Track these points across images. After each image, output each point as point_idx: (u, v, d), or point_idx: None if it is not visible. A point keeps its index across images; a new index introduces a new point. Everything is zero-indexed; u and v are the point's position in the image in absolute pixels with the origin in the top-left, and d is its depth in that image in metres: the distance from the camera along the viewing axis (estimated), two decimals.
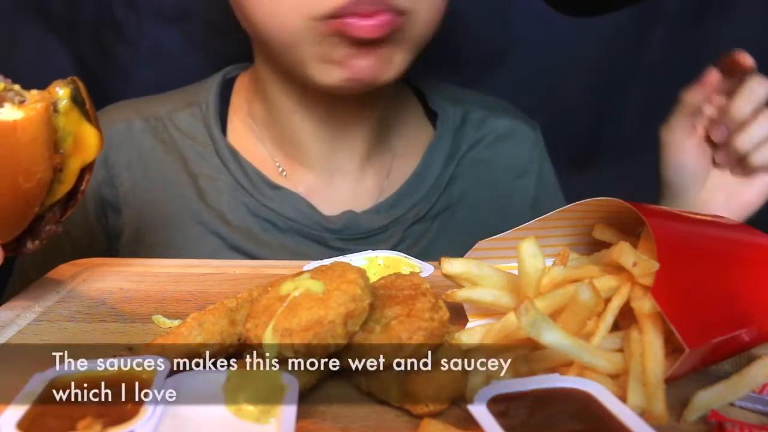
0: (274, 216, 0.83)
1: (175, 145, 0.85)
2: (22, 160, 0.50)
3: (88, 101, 0.54)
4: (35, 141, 0.49)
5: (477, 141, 0.93)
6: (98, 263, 0.70)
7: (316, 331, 0.41)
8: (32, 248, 0.57)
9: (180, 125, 0.86)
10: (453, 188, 0.89)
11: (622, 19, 1.07)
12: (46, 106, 0.50)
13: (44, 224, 0.56)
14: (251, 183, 0.83)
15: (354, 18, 0.68)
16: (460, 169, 0.90)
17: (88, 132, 0.54)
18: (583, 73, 1.10)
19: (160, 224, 0.83)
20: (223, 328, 0.47)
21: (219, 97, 0.87)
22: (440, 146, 0.90)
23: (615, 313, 0.44)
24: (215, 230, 0.82)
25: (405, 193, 0.86)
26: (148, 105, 0.88)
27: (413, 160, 0.88)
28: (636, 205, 0.48)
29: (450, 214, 0.88)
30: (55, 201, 0.55)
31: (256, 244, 0.82)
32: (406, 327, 0.43)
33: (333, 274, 0.46)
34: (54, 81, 0.52)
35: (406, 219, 0.85)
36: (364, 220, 0.84)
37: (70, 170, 0.54)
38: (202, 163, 0.84)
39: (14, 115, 0.48)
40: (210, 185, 0.84)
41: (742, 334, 0.44)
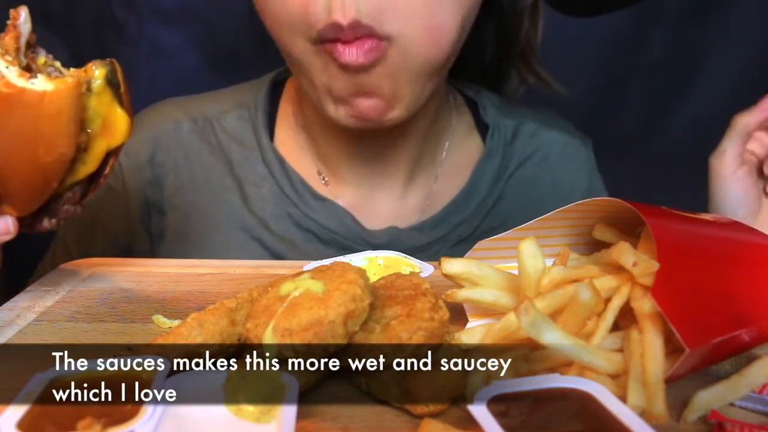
0: (317, 227, 0.81)
1: (221, 147, 0.84)
2: (45, 132, 0.49)
3: (123, 85, 0.53)
4: (60, 114, 0.49)
5: (527, 157, 0.89)
6: (98, 263, 0.70)
7: (316, 331, 0.41)
8: (48, 227, 0.56)
9: (227, 128, 0.84)
10: (499, 208, 0.86)
11: (622, 19, 1.07)
12: (77, 83, 0.50)
13: (62, 203, 0.56)
14: (296, 193, 0.82)
15: (339, 44, 0.67)
16: (507, 188, 0.86)
17: (118, 116, 0.53)
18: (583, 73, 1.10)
19: (203, 228, 0.82)
20: (223, 328, 0.47)
21: (268, 99, 0.85)
22: (489, 164, 0.86)
23: (615, 313, 0.44)
24: (258, 237, 0.81)
25: (450, 212, 0.84)
26: (198, 104, 0.86)
27: (460, 177, 0.85)
28: (636, 205, 0.48)
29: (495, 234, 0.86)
30: (76, 181, 0.55)
31: (298, 254, 0.80)
32: (406, 327, 0.43)
33: (333, 274, 0.46)
34: (92, 60, 0.52)
35: (450, 239, 0.83)
36: (407, 237, 0.82)
37: (95, 152, 0.54)
38: (247, 168, 0.83)
39: (44, 86, 0.48)
40: (255, 192, 0.82)
41: (742, 334, 0.44)
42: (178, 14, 1.04)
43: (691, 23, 1.08)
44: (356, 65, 0.67)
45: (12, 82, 0.48)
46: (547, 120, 0.92)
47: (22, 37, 0.51)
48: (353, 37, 0.66)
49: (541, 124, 0.91)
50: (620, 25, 1.07)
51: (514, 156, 0.88)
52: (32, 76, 0.49)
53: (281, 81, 0.88)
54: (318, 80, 0.71)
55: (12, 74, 0.48)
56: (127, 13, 1.03)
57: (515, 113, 0.90)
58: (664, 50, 1.09)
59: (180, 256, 0.81)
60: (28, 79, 0.48)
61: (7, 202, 0.53)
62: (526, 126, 0.89)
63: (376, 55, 0.67)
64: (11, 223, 0.54)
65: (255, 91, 0.86)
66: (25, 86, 0.48)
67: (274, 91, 0.86)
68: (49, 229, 0.57)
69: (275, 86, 0.87)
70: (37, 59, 0.51)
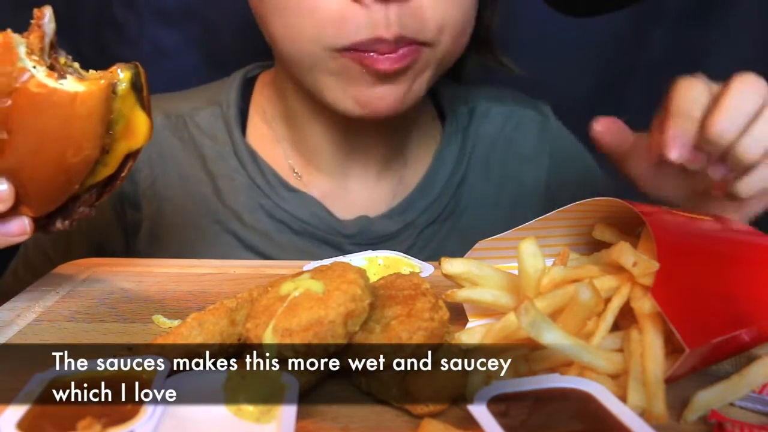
0: (289, 218, 0.83)
1: (195, 143, 0.85)
2: (75, 133, 0.49)
3: (146, 89, 0.53)
4: (91, 116, 0.49)
5: (484, 137, 0.91)
6: (98, 263, 0.70)
7: (316, 331, 0.41)
8: (61, 227, 0.56)
9: (200, 124, 0.86)
10: (463, 189, 0.88)
11: (622, 19, 1.07)
12: (108, 84, 0.50)
13: (79, 205, 0.56)
14: (268, 184, 0.83)
15: (374, 52, 0.67)
16: (469, 169, 0.89)
17: (140, 119, 0.53)
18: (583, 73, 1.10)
19: (177, 221, 0.83)
20: (223, 328, 0.47)
21: (240, 95, 0.87)
22: (449, 148, 0.89)
23: (615, 313, 0.44)
24: (231, 229, 0.83)
25: (416, 197, 0.86)
26: (171, 102, 0.88)
27: (425, 164, 0.88)
28: (636, 205, 0.48)
29: (460, 215, 0.88)
30: (95, 183, 0.55)
31: (271, 245, 0.82)
32: (406, 327, 0.43)
33: (333, 274, 0.46)
34: (117, 63, 0.52)
35: (418, 223, 0.85)
36: (378, 226, 0.84)
37: (116, 154, 0.54)
38: (220, 163, 0.84)
39: (76, 87, 0.48)
40: (227, 185, 0.84)
41: (741, 334, 0.44)
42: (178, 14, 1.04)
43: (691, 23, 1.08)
44: (391, 72, 0.69)
45: (42, 82, 0.48)
46: (499, 97, 0.94)
47: (47, 36, 0.50)
48: (394, 49, 0.68)
49: (494, 101, 0.93)
50: (620, 25, 1.07)
51: (471, 138, 0.90)
52: (60, 77, 0.48)
53: (252, 78, 0.89)
54: (330, 80, 0.71)
55: (40, 74, 0.48)
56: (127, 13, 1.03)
57: (470, 96, 0.93)
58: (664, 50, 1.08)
59: (154, 250, 0.82)
60: (56, 80, 0.48)
61: (25, 203, 0.53)
62: (480, 106, 0.92)
63: (410, 60, 0.69)
64: (28, 223, 0.54)
65: (226, 88, 0.87)
66: (56, 87, 0.48)
67: (246, 87, 0.88)
68: (61, 230, 0.57)
69: (246, 83, 0.88)
70: (59, 59, 0.51)
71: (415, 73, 0.72)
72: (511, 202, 0.90)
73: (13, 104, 0.48)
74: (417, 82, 0.73)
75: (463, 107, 0.91)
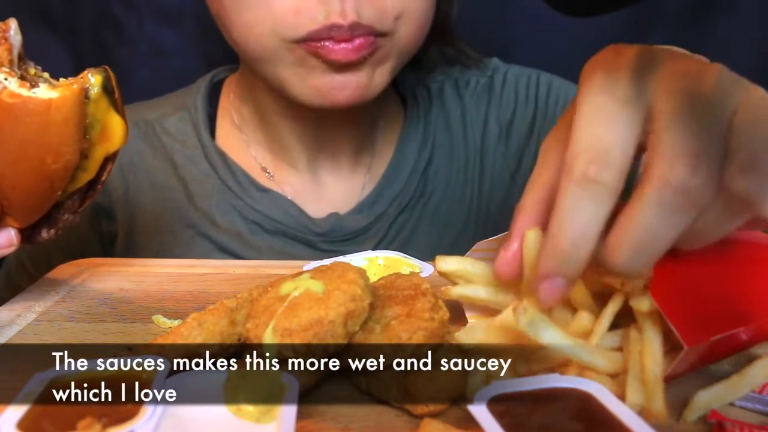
0: (262, 218, 0.83)
1: (165, 149, 0.86)
2: (53, 139, 0.50)
3: (117, 91, 0.54)
4: (67, 121, 0.50)
5: (444, 116, 0.90)
6: (98, 263, 0.70)
7: (316, 331, 0.41)
8: (47, 237, 0.57)
9: (169, 129, 0.86)
10: (430, 171, 0.88)
11: (622, 19, 1.07)
12: (81, 88, 0.50)
13: (62, 212, 0.56)
14: (239, 186, 0.83)
15: (330, 41, 0.68)
16: (435, 151, 0.89)
17: (115, 122, 0.54)
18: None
19: (151, 228, 0.83)
20: (223, 328, 0.47)
21: (207, 100, 0.87)
22: (412, 132, 0.88)
23: (611, 319, 0.44)
24: (205, 233, 0.83)
25: (383, 186, 0.85)
26: (137, 110, 0.88)
27: (390, 151, 0.88)
28: None
29: (426, 200, 0.87)
30: (76, 189, 0.55)
31: (245, 246, 0.82)
32: (406, 327, 0.43)
33: (333, 274, 0.46)
34: (86, 68, 0.52)
35: (389, 214, 0.85)
36: (348, 222, 0.84)
37: (95, 158, 0.54)
38: (191, 167, 0.84)
39: (49, 94, 0.49)
40: (199, 188, 0.84)
41: (740, 333, 0.44)
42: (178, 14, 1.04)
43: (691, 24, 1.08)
44: (346, 62, 0.69)
45: (15, 92, 0.48)
46: (449, 72, 0.93)
47: (15, 48, 0.51)
48: (350, 37, 0.67)
49: (445, 77, 0.92)
50: (620, 25, 1.07)
51: (432, 119, 0.89)
52: (33, 86, 0.49)
53: (218, 82, 0.90)
54: (289, 72, 0.72)
55: (13, 84, 0.48)
56: (127, 13, 1.03)
57: (430, 78, 0.92)
58: None
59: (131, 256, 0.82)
60: (29, 89, 0.49)
61: (10, 214, 0.53)
62: (434, 85, 0.91)
63: (367, 51, 0.69)
64: (14, 235, 0.55)
65: (193, 94, 0.88)
66: (30, 95, 0.48)
67: (212, 91, 0.89)
68: (48, 240, 0.57)
69: (213, 87, 0.89)
70: (29, 70, 0.52)
71: (375, 63, 0.71)
72: (477, 180, 0.89)
73: None
74: (378, 72, 0.72)
75: (422, 90, 0.91)
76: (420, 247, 0.84)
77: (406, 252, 0.62)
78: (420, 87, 0.91)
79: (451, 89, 0.92)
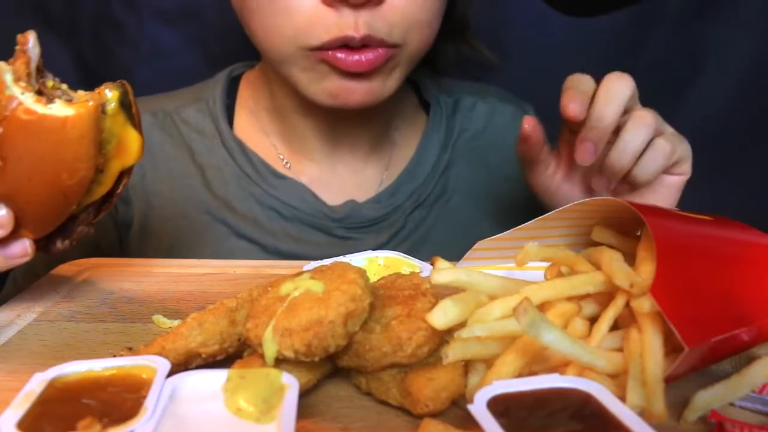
0: (278, 204, 0.85)
1: (183, 138, 0.87)
2: (68, 156, 0.50)
3: (134, 106, 0.54)
4: (83, 138, 0.50)
5: (469, 126, 0.95)
6: (98, 263, 0.70)
7: (316, 331, 0.41)
8: (62, 248, 0.57)
9: (188, 119, 0.88)
10: (449, 174, 0.91)
11: (622, 19, 1.07)
12: (96, 106, 0.50)
13: (77, 224, 0.57)
14: (257, 172, 0.85)
15: (344, 52, 0.70)
16: (454, 155, 0.92)
17: (131, 136, 0.54)
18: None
19: (168, 214, 0.84)
20: (223, 328, 0.47)
21: (225, 92, 0.89)
22: (434, 134, 0.92)
23: (610, 323, 0.45)
24: (222, 218, 0.84)
25: (403, 181, 0.88)
26: (156, 101, 0.90)
27: (410, 150, 0.91)
28: (635, 205, 0.48)
29: (446, 201, 0.90)
30: (91, 202, 0.55)
31: (262, 232, 0.84)
32: (406, 327, 0.43)
33: (333, 274, 0.46)
34: (104, 83, 0.52)
35: (406, 207, 0.87)
36: (366, 210, 0.86)
37: (111, 172, 0.55)
38: (209, 155, 0.86)
39: (65, 111, 0.49)
40: (216, 175, 0.86)
41: (741, 334, 0.44)
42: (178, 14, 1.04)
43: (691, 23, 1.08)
44: (358, 72, 0.71)
45: (31, 109, 0.48)
46: (482, 93, 0.98)
47: (32, 62, 0.51)
48: (362, 48, 0.70)
49: (478, 96, 0.97)
50: (620, 25, 1.07)
51: (456, 127, 0.94)
52: (48, 101, 0.49)
53: (237, 76, 0.92)
54: (304, 76, 0.74)
55: (29, 100, 0.48)
56: (127, 13, 1.03)
57: (453, 89, 0.97)
58: (664, 50, 1.08)
59: (146, 243, 0.84)
60: (45, 105, 0.48)
61: (24, 226, 0.54)
62: (464, 100, 0.96)
63: (379, 62, 0.72)
64: (29, 245, 0.55)
65: (212, 86, 0.90)
66: (45, 112, 0.48)
67: (231, 85, 0.91)
68: (62, 250, 0.57)
69: (231, 81, 0.91)
70: (46, 83, 0.51)
71: (387, 71, 0.75)
72: (495, 195, 0.92)
73: (4, 132, 0.48)
74: (389, 78, 0.76)
75: (446, 98, 0.95)
76: (436, 245, 0.87)
77: (422, 248, 0.62)
78: (446, 96, 0.95)
79: (484, 109, 0.96)
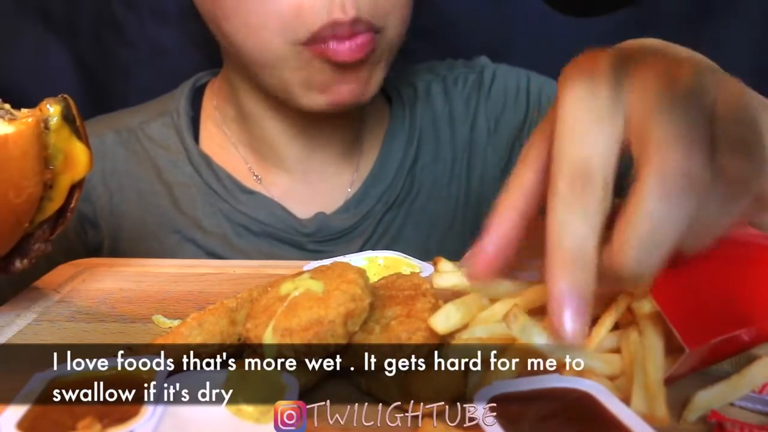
0: (248, 220, 0.83)
1: (148, 155, 0.85)
2: (13, 174, 0.50)
3: (78, 119, 0.54)
4: (26, 155, 0.50)
5: (428, 111, 0.91)
6: (98, 263, 0.70)
7: (316, 330, 0.42)
8: (21, 267, 0.57)
9: (152, 135, 0.86)
10: (415, 170, 0.88)
11: (622, 19, 1.07)
12: (37, 121, 0.51)
13: (33, 242, 0.57)
14: (224, 188, 0.83)
15: (334, 41, 0.69)
16: (420, 149, 0.89)
17: (78, 149, 0.55)
18: None
19: (137, 235, 0.83)
20: (223, 328, 0.47)
21: (190, 104, 0.87)
22: (398, 129, 0.88)
23: (609, 327, 0.44)
24: (191, 237, 0.82)
25: (370, 184, 0.86)
26: (119, 118, 0.88)
27: (376, 149, 0.88)
28: None
29: (414, 198, 0.87)
30: (45, 218, 0.56)
31: (231, 249, 0.82)
32: (406, 327, 0.43)
33: (333, 274, 0.46)
34: (44, 99, 0.53)
35: (376, 211, 0.85)
36: (335, 221, 0.83)
37: (61, 187, 0.55)
38: (175, 172, 0.84)
39: (5, 129, 0.49)
40: (184, 193, 0.84)
41: (741, 335, 0.44)
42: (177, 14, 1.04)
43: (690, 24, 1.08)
44: (353, 62, 0.70)
45: None
46: (434, 70, 0.94)
47: None
48: (351, 34, 0.69)
49: (431, 75, 0.93)
50: (620, 25, 1.07)
51: (418, 116, 0.90)
52: None
53: (201, 86, 0.90)
54: (294, 76, 0.73)
55: None
56: (127, 14, 1.03)
57: (413, 75, 0.93)
58: None
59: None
60: None
61: None
62: (420, 83, 0.92)
63: (369, 48, 0.71)
64: None
65: (176, 98, 0.87)
66: None
67: (195, 96, 0.88)
68: (21, 270, 0.57)
69: (196, 92, 0.89)
70: None
71: (373, 63, 0.74)
72: (465, 178, 0.89)
73: None
74: (375, 71, 0.75)
75: (407, 88, 0.92)
76: (407, 246, 0.83)
77: (394, 250, 0.62)
78: (406, 85, 0.92)
79: (439, 87, 0.92)
